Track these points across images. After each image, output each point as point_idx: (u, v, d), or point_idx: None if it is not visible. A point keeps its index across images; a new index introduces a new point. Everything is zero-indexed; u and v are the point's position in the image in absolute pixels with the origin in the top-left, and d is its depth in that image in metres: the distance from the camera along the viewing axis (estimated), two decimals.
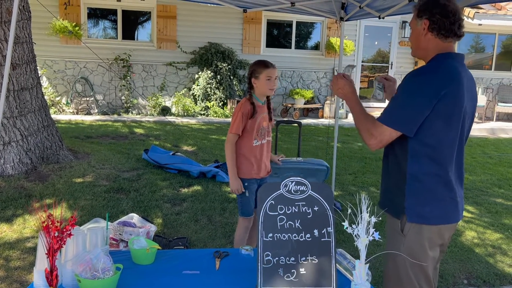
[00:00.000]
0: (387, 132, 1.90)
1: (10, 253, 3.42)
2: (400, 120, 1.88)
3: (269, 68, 2.96)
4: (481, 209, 5.11)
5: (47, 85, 10.16)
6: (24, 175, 5.07)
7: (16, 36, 5.13)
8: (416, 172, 1.92)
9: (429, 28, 1.94)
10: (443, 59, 1.93)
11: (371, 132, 1.93)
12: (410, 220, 1.93)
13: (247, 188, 3.07)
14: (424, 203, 1.93)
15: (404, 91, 1.91)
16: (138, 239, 2.17)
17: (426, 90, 1.84)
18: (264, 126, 3.09)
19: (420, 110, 1.85)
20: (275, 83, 3.01)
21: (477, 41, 12.80)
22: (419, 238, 1.93)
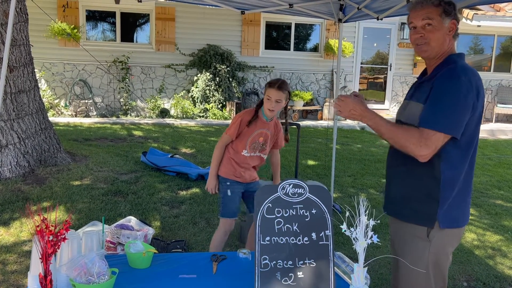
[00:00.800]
0: (440, 138, 1.81)
1: (6, 256, 3.39)
2: (451, 124, 1.81)
3: (270, 88, 2.94)
4: (480, 211, 5.09)
5: (46, 88, 10.14)
6: (22, 178, 5.05)
7: (13, 39, 5.11)
8: (452, 176, 1.88)
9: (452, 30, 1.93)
10: (461, 59, 1.91)
11: (421, 142, 1.80)
12: (444, 226, 1.90)
13: (229, 187, 3.06)
14: (457, 207, 1.93)
15: (446, 93, 1.82)
16: (135, 242, 2.15)
17: (470, 91, 1.81)
18: (259, 141, 3.07)
19: (466, 112, 1.82)
20: (275, 106, 2.93)
21: (476, 42, 12.80)
22: (445, 243, 1.93)
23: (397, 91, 12.31)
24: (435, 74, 1.93)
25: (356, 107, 1.94)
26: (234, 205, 3.10)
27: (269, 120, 3.06)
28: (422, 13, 1.90)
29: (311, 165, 6.72)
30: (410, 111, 1.97)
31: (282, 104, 2.97)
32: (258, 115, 3.04)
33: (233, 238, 3.93)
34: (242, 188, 3.13)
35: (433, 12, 1.89)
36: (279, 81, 2.97)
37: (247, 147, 3.04)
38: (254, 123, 3.01)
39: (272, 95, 2.92)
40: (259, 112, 3.05)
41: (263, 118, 3.04)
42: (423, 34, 1.91)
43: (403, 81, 12.27)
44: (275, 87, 2.93)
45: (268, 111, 2.97)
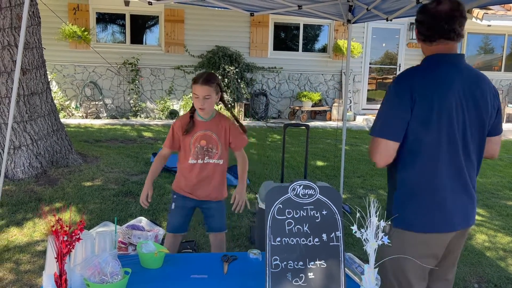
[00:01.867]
0: (385, 143, 1.87)
1: (20, 256, 3.45)
2: (387, 129, 1.87)
3: (195, 85, 2.65)
4: (491, 212, 5.05)
5: (57, 90, 10.26)
6: (34, 179, 5.12)
7: (26, 42, 5.19)
8: (403, 178, 1.93)
9: (418, 36, 1.97)
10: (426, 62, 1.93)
11: (372, 150, 1.92)
12: (395, 225, 1.93)
13: (174, 201, 2.87)
14: (411, 210, 1.91)
15: (384, 100, 1.93)
16: (147, 243, 2.18)
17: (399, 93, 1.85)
18: (202, 145, 2.76)
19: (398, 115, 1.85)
20: (204, 103, 2.65)
21: (486, 42, 12.69)
22: (401, 244, 1.91)
23: None
24: None
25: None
26: (176, 221, 2.87)
27: (207, 119, 2.79)
28: None
29: (320, 166, 6.72)
30: None
31: (213, 100, 2.68)
32: (194, 118, 2.76)
33: (243, 239, 3.95)
34: (192, 204, 2.87)
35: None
36: (204, 75, 2.67)
37: (190, 154, 2.77)
38: (192, 127, 2.73)
39: (198, 92, 2.64)
40: (195, 114, 2.78)
41: (200, 118, 2.77)
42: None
43: None
44: (200, 83, 2.63)
45: (200, 110, 2.70)
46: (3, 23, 4.96)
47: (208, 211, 2.91)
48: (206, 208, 2.90)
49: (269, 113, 11.42)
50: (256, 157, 6.97)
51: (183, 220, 2.89)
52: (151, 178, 2.81)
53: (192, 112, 2.78)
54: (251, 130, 9.71)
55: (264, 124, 10.38)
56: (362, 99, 12.12)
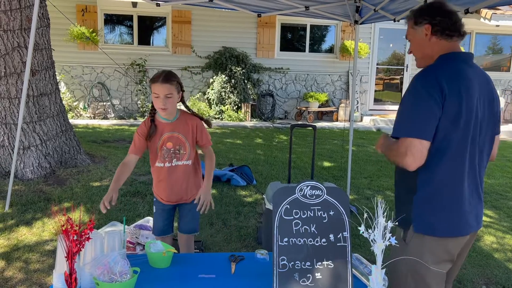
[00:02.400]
0: (415, 143, 1.75)
1: (29, 255, 3.48)
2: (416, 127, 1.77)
3: (155, 83, 2.52)
4: (500, 213, 5.01)
5: (65, 90, 10.34)
6: (43, 179, 5.17)
7: (35, 43, 5.24)
8: (426, 179, 1.85)
9: (432, 31, 1.90)
10: (445, 59, 1.88)
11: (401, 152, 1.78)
12: (417, 230, 1.87)
13: (154, 204, 2.89)
14: (434, 214, 1.85)
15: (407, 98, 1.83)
16: (155, 242, 2.20)
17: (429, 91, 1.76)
18: (168, 148, 2.68)
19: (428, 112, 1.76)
20: (166, 102, 2.52)
21: (495, 42, 12.60)
22: (422, 250, 1.87)
23: None
24: None
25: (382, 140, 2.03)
26: (160, 224, 2.85)
27: (171, 120, 2.67)
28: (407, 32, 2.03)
29: (327, 166, 6.71)
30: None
31: (175, 98, 2.57)
32: (156, 121, 2.65)
33: (250, 239, 3.96)
34: (170, 205, 2.85)
35: (408, 27, 2.00)
36: (163, 73, 2.56)
37: (158, 157, 2.70)
38: (155, 131, 2.63)
39: (158, 91, 2.51)
40: (156, 116, 2.66)
41: (163, 120, 2.66)
42: (410, 49, 2.04)
43: None
44: (160, 81, 2.51)
45: (162, 111, 2.57)
46: (13, 24, 5.02)
47: (182, 211, 2.91)
48: (181, 209, 2.91)
49: (276, 114, 11.43)
50: (263, 158, 6.98)
51: (167, 222, 2.89)
52: (115, 183, 2.52)
53: (152, 115, 2.65)
54: (257, 130, 9.72)
55: (271, 125, 10.38)
56: (369, 100, 12.09)
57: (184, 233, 2.94)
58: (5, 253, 3.49)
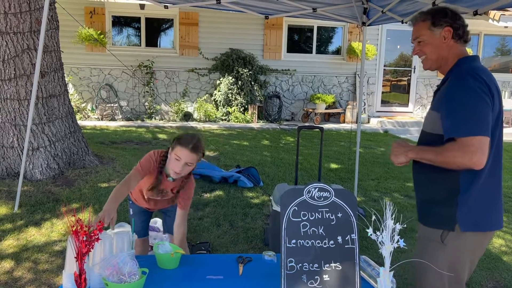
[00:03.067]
0: (482, 140, 1.76)
1: (38, 256, 3.51)
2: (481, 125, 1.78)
3: (182, 148, 2.37)
4: (509, 216, 4.97)
5: (73, 92, 10.42)
6: (52, 180, 5.21)
7: (44, 45, 5.29)
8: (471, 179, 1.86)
9: (453, 35, 1.93)
10: (471, 61, 1.92)
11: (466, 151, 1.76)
12: (465, 228, 1.88)
13: (130, 206, 2.88)
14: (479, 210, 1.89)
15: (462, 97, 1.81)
16: (163, 243, 2.21)
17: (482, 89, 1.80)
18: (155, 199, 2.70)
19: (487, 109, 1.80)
20: (183, 169, 2.40)
21: (503, 43, 12.51)
22: (462, 249, 1.90)
23: (421, 93, 12.14)
24: (446, 79, 1.97)
25: (398, 147, 2.00)
26: (137, 226, 2.81)
27: (172, 179, 2.55)
28: (414, 32, 2.05)
29: (334, 168, 6.70)
30: (427, 119, 2.02)
31: (192, 168, 2.45)
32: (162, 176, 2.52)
33: (257, 241, 3.97)
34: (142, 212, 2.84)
35: (422, 28, 1.99)
36: (194, 140, 2.40)
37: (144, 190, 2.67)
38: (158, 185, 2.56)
39: (182, 156, 2.37)
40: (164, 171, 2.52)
41: (167, 179, 2.54)
42: (419, 50, 2.04)
43: (427, 83, 12.10)
44: (189, 148, 2.36)
45: (174, 173, 2.43)
46: (23, 27, 5.07)
47: (166, 213, 2.89)
48: (165, 211, 2.90)
49: (283, 115, 11.43)
50: (270, 159, 6.98)
51: (145, 224, 2.87)
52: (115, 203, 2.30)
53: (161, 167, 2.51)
54: (264, 132, 9.73)
55: (278, 126, 10.38)
56: (376, 101, 12.05)
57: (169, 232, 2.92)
58: (15, 253, 3.52)
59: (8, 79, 5.10)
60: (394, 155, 1.99)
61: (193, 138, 2.42)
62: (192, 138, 2.42)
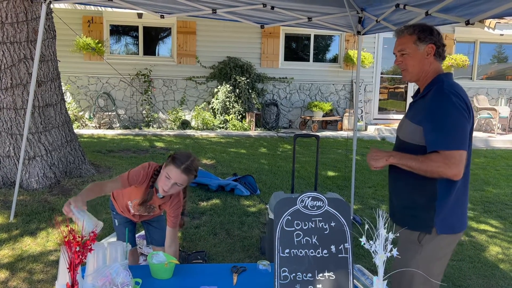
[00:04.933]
0: (462, 154, 1.92)
1: (33, 266, 3.50)
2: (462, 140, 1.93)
3: (176, 169, 2.32)
4: (505, 224, 4.97)
5: (71, 101, 10.43)
6: (48, 189, 5.20)
7: (41, 55, 5.31)
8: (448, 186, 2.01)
9: (435, 52, 2.06)
10: (450, 79, 2.07)
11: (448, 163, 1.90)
12: (441, 232, 2.03)
13: (115, 217, 2.84)
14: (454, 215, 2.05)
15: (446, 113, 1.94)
16: (157, 253, 2.20)
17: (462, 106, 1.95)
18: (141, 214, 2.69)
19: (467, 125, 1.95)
20: (171, 189, 2.36)
21: (499, 51, 12.59)
22: (436, 248, 2.05)
23: None
24: (425, 93, 2.08)
25: (377, 152, 2.11)
26: (120, 236, 2.79)
27: (161, 196, 2.52)
28: (398, 43, 2.15)
29: (331, 176, 6.70)
30: (406, 129, 2.13)
31: (180, 188, 2.41)
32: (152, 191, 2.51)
33: (254, 249, 3.96)
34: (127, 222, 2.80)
35: (407, 42, 2.09)
36: (188, 161, 2.35)
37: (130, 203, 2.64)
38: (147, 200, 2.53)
39: (173, 175, 2.33)
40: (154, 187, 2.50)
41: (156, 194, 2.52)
42: (401, 62, 2.13)
43: None
44: (181, 169, 2.32)
45: (162, 190, 2.40)
46: (20, 36, 5.09)
47: (150, 224, 2.87)
48: (146, 224, 2.88)
49: (280, 123, 11.45)
50: (267, 167, 6.98)
51: (132, 234, 2.85)
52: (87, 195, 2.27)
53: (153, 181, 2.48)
54: (262, 140, 9.74)
55: (275, 134, 10.40)
56: (373, 109, 12.08)
57: (157, 245, 2.87)
58: (10, 263, 3.51)
59: (4, 88, 5.11)
60: (374, 159, 2.09)
61: (188, 159, 2.36)
62: (187, 159, 2.36)
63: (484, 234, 4.62)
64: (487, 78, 12.53)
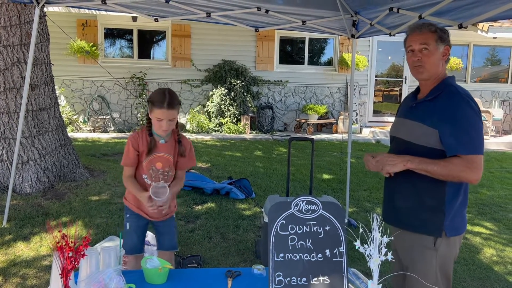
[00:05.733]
0: (482, 158, 1.96)
1: (27, 271, 3.47)
2: (482, 145, 1.98)
3: (161, 109, 2.44)
4: (500, 226, 4.99)
5: (65, 104, 10.39)
6: (42, 193, 5.16)
7: (35, 58, 5.28)
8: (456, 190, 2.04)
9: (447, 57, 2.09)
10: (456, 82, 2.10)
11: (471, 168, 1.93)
12: (450, 234, 2.04)
13: (128, 220, 2.75)
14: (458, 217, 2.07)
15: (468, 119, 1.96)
16: (151, 258, 2.19)
17: (479, 112, 2.00)
18: (157, 168, 2.64)
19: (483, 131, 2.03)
20: (169, 125, 2.50)
21: (493, 54, 12.68)
22: (449, 250, 2.08)
23: None
24: (434, 96, 2.05)
25: (393, 157, 2.08)
26: (133, 242, 2.74)
27: (166, 141, 2.64)
28: (420, 38, 2.05)
29: (326, 179, 6.71)
30: (414, 131, 2.08)
31: (175, 121, 2.56)
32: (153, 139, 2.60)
33: (249, 253, 3.95)
34: (145, 221, 2.77)
35: (429, 38, 2.04)
36: (167, 98, 2.46)
37: (145, 171, 2.65)
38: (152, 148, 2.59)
39: (162, 115, 2.46)
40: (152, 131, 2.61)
41: (157, 138, 2.62)
42: (420, 57, 2.06)
43: None
44: (166, 107, 2.44)
45: (162, 132, 2.55)
46: (13, 40, 5.06)
47: (160, 228, 2.84)
48: (159, 227, 2.83)
49: (275, 126, 11.45)
50: (262, 170, 6.98)
51: (140, 240, 2.80)
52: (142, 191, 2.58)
53: (149, 130, 2.60)
54: (257, 143, 9.74)
55: (270, 137, 10.40)
56: (368, 112, 12.12)
57: (167, 250, 2.85)
58: (2, 269, 3.47)
59: None
60: (391, 165, 2.06)
61: (164, 94, 2.47)
62: (163, 95, 2.47)
63: (479, 236, 4.64)
64: (481, 81, 12.62)
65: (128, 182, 2.64)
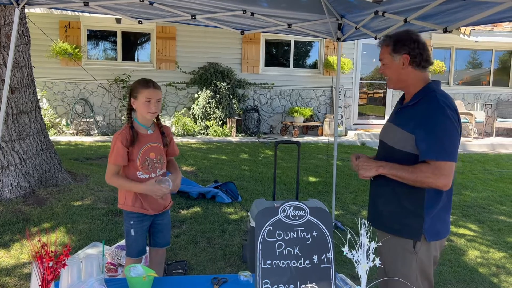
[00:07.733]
0: (452, 165, 1.97)
1: (6, 279, 3.37)
2: (453, 152, 1.97)
3: (149, 89, 2.60)
4: (483, 227, 5.05)
5: (47, 107, 10.20)
6: (22, 199, 5.04)
7: (15, 60, 5.16)
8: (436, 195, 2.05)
9: (410, 62, 2.09)
10: (439, 88, 2.09)
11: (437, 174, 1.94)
12: (430, 239, 2.06)
13: (132, 227, 2.73)
14: (440, 221, 2.09)
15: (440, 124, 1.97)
16: (135, 266, 2.13)
17: (454, 117, 1.99)
18: (152, 158, 2.69)
19: (458, 137, 2.00)
20: (157, 106, 2.63)
21: (474, 57, 12.89)
22: (429, 253, 2.09)
23: None
24: (416, 101, 2.09)
25: (368, 162, 2.14)
26: (138, 246, 2.76)
27: (150, 130, 2.72)
28: (380, 53, 2.21)
29: (312, 181, 6.70)
30: (394, 135, 2.14)
31: (160, 103, 2.70)
32: (135, 128, 2.66)
33: (235, 258, 3.91)
34: (148, 222, 2.78)
35: (384, 52, 2.18)
36: (150, 80, 2.65)
37: (140, 168, 2.66)
38: (135, 140, 2.64)
39: (152, 96, 2.59)
40: (134, 124, 2.68)
41: (143, 129, 2.69)
42: (383, 71, 2.22)
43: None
44: (152, 87, 2.61)
45: (151, 114, 2.64)
46: None
47: (158, 226, 2.83)
48: (157, 224, 2.82)
49: (261, 129, 11.44)
50: (248, 174, 6.94)
51: (144, 241, 2.81)
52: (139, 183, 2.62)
53: (131, 123, 2.67)
54: (243, 146, 9.70)
55: (256, 140, 10.37)
56: (353, 114, 12.20)
57: (161, 246, 2.85)
58: None
59: None
60: (364, 169, 2.12)
61: (146, 79, 2.65)
62: (146, 80, 2.64)
63: (463, 238, 4.68)
64: (463, 84, 12.82)
65: (119, 180, 2.64)
